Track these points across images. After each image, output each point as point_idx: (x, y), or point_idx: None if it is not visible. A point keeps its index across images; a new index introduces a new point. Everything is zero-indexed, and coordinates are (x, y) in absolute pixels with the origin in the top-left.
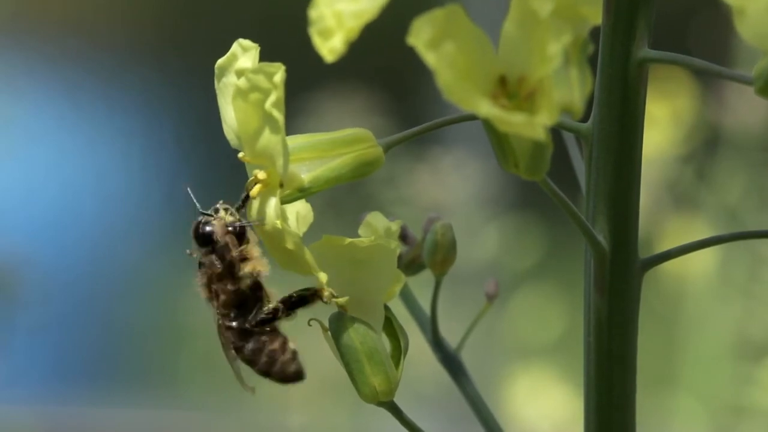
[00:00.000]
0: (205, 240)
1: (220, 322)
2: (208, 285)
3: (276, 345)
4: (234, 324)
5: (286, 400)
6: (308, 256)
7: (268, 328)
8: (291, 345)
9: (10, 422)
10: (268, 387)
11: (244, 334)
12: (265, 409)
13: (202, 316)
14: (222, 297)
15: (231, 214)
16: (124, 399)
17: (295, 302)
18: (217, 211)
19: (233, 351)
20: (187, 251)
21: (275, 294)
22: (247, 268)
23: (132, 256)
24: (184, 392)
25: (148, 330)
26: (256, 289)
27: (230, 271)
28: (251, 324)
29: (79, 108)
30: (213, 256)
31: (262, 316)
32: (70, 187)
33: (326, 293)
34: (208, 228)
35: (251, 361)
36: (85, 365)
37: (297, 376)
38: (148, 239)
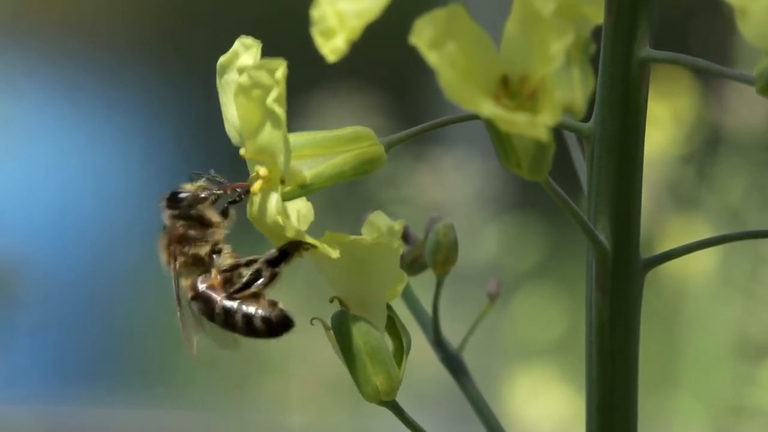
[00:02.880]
0: (179, 203)
1: (190, 291)
2: (169, 248)
3: (252, 303)
4: (202, 288)
5: (286, 400)
6: (308, 238)
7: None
8: (269, 297)
9: (10, 422)
10: (267, 387)
11: (210, 299)
12: (265, 409)
13: None
14: (183, 259)
15: (213, 184)
16: (124, 399)
17: (276, 258)
18: (206, 178)
19: (203, 317)
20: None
21: (232, 254)
22: (216, 235)
23: (132, 256)
24: (184, 392)
25: (148, 330)
26: (217, 252)
27: (201, 235)
28: (234, 292)
29: (79, 108)
30: (184, 221)
31: (245, 280)
32: (70, 187)
33: (308, 244)
34: (184, 193)
35: (230, 325)
36: (85, 365)
37: (283, 322)
38: (148, 239)
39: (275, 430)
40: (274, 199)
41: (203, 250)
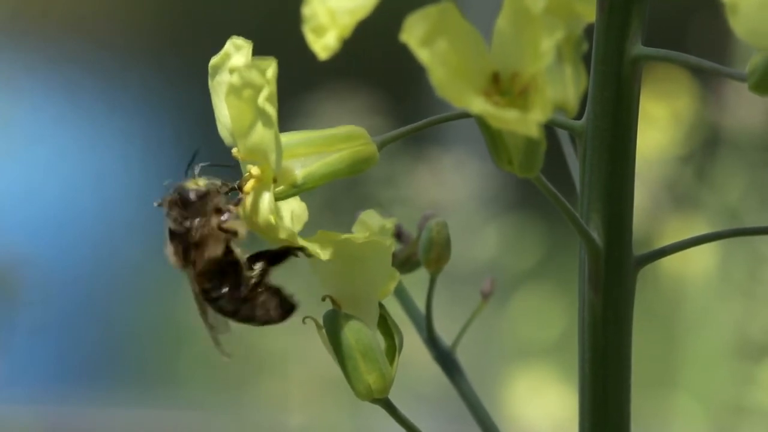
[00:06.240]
0: (188, 205)
1: (205, 294)
2: (185, 253)
3: (264, 294)
4: (222, 292)
5: (286, 400)
6: (299, 240)
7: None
8: (271, 283)
9: (10, 422)
10: (268, 386)
11: (234, 299)
12: (265, 409)
13: None
14: (199, 265)
15: (211, 185)
16: (124, 399)
17: (275, 257)
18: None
19: (222, 316)
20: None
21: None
22: (223, 235)
23: (132, 256)
24: (184, 392)
25: (148, 330)
26: (229, 252)
27: (210, 238)
28: (247, 292)
29: (79, 108)
30: (194, 222)
31: (255, 280)
32: (70, 187)
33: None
34: (192, 193)
35: (249, 318)
36: (85, 365)
37: (292, 308)
38: (148, 239)
39: (275, 430)
40: (266, 198)
41: (220, 252)
